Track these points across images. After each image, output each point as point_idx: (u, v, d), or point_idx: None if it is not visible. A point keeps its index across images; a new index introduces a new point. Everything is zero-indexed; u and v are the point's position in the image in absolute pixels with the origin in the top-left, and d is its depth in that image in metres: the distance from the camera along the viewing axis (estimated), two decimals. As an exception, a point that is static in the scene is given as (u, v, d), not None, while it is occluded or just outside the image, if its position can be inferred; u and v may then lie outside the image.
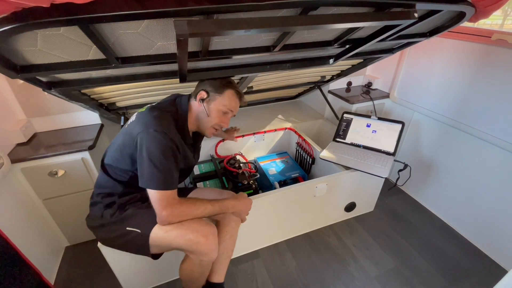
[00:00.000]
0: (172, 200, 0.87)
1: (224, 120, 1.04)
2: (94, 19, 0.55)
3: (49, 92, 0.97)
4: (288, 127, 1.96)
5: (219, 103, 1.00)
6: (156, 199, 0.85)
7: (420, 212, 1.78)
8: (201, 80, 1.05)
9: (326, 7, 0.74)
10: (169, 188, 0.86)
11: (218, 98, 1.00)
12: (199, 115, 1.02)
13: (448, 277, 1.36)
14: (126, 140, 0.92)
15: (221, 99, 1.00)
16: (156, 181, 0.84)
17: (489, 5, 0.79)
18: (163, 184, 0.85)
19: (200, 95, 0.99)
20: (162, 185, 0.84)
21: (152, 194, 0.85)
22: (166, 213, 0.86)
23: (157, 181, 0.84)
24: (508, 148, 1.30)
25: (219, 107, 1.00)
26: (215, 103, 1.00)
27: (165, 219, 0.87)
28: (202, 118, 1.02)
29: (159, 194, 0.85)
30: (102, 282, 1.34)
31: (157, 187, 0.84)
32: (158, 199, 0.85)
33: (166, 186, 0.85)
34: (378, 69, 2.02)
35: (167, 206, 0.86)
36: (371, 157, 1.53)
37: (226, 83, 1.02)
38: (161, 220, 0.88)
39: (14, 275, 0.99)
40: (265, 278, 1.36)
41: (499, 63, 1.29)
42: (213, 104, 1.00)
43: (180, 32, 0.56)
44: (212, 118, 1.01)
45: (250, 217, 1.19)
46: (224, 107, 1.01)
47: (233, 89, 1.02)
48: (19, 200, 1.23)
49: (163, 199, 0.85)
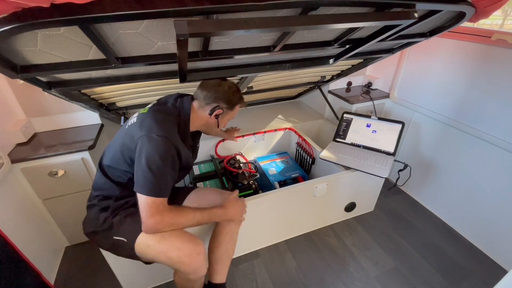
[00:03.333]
0: (162, 208, 0.85)
1: (226, 123, 1.15)
2: (94, 19, 0.55)
3: (49, 92, 0.97)
4: (288, 127, 1.96)
5: (230, 116, 1.11)
6: (146, 205, 0.83)
7: (420, 212, 1.78)
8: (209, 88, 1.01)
9: (326, 7, 0.74)
10: (161, 196, 0.84)
11: (230, 113, 1.09)
12: (209, 124, 1.08)
13: (448, 277, 1.36)
14: (126, 142, 0.91)
15: (231, 113, 1.10)
16: (148, 186, 0.82)
17: (489, 5, 0.79)
18: (155, 190, 0.83)
19: (217, 112, 1.03)
20: (154, 192, 0.83)
21: (142, 200, 0.83)
22: (153, 220, 0.83)
23: (149, 187, 0.82)
24: (508, 148, 1.30)
25: (227, 117, 1.11)
26: (227, 116, 1.10)
27: (152, 226, 0.84)
28: (212, 127, 1.11)
29: (149, 200, 0.82)
30: (102, 282, 1.34)
31: (148, 193, 0.82)
32: (148, 205, 0.83)
33: (158, 193, 0.83)
34: (378, 69, 2.02)
35: (156, 213, 0.83)
36: (371, 157, 1.53)
37: (238, 99, 1.08)
38: (147, 227, 0.85)
39: (14, 275, 0.99)
40: (265, 278, 1.36)
41: (499, 63, 1.29)
42: (225, 117, 1.10)
43: (180, 32, 0.56)
44: (221, 127, 1.13)
45: (250, 217, 1.19)
46: (231, 117, 1.13)
47: (242, 103, 1.11)
48: (19, 200, 1.23)
49: (153, 206, 0.83)
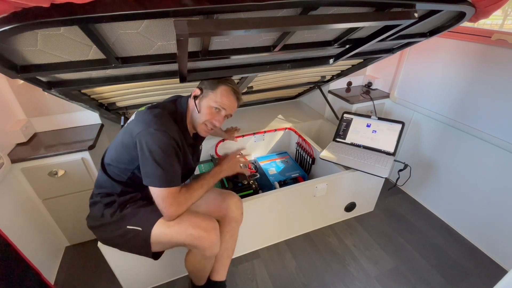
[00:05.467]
0: (176, 195, 0.89)
1: (216, 117, 1.00)
2: (94, 19, 0.55)
3: (49, 92, 0.97)
4: (288, 127, 1.96)
5: (210, 99, 0.98)
6: (162, 197, 0.87)
7: (420, 212, 1.78)
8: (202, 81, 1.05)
9: (326, 7, 0.74)
10: (173, 185, 0.88)
11: (210, 95, 0.98)
12: (192, 113, 1.01)
13: (448, 277, 1.36)
14: (125, 139, 0.92)
15: (213, 95, 0.98)
16: (160, 179, 0.85)
17: (489, 5, 0.79)
18: (167, 182, 0.86)
19: (194, 92, 1.01)
20: (166, 183, 0.86)
21: (157, 192, 0.86)
22: (173, 209, 0.88)
23: (161, 179, 0.85)
24: (508, 148, 1.30)
25: (210, 103, 0.98)
26: (206, 99, 0.98)
27: (174, 214, 0.89)
28: (194, 116, 1.00)
29: (164, 192, 0.86)
30: (102, 282, 1.34)
31: (161, 185, 0.85)
32: (164, 197, 0.87)
33: (170, 183, 0.87)
34: (378, 69, 2.02)
35: (173, 202, 0.88)
36: (371, 157, 1.53)
37: (221, 79, 1.00)
38: (170, 216, 0.89)
39: (14, 275, 0.99)
40: (265, 278, 1.36)
41: (499, 63, 1.29)
42: (204, 100, 0.99)
43: (180, 32, 0.56)
44: (202, 114, 0.98)
45: (250, 217, 1.19)
46: (215, 103, 0.97)
47: (227, 85, 0.99)
48: (19, 200, 1.23)
49: (169, 196, 0.87)
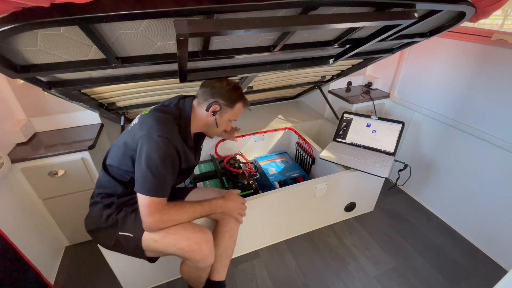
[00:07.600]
0: (161, 207, 0.86)
1: (228, 125, 1.12)
2: (94, 19, 0.55)
3: (49, 92, 0.97)
4: (288, 127, 1.96)
5: (230, 115, 1.06)
6: (145, 205, 0.84)
7: (420, 212, 1.78)
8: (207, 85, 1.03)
9: (326, 7, 0.74)
10: (160, 196, 0.85)
11: (229, 111, 1.05)
12: (208, 123, 1.05)
13: (448, 277, 1.36)
14: (128, 142, 0.92)
15: (231, 112, 1.05)
16: (148, 186, 0.83)
17: (489, 5, 0.79)
18: (154, 190, 0.84)
19: (213, 108, 1.00)
20: (153, 191, 0.84)
21: (141, 199, 0.84)
22: (152, 219, 0.85)
23: (149, 187, 0.83)
24: (508, 148, 1.30)
25: (228, 118, 1.06)
26: (226, 115, 1.05)
27: (151, 225, 0.86)
28: (211, 127, 1.07)
29: (148, 200, 0.84)
30: (102, 282, 1.34)
31: (148, 193, 0.83)
32: (147, 205, 0.84)
33: (157, 193, 0.84)
34: (378, 69, 2.02)
35: (155, 212, 0.84)
36: (371, 157, 1.52)
37: (238, 96, 1.04)
38: (147, 226, 0.86)
39: (14, 275, 0.99)
40: (265, 278, 1.36)
41: (499, 63, 1.29)
42: (224, 116, 1.05)
43: (180, 32, 0.56)
44: (220, 127, 1.08)
45: (250, 217, 1.19)
46: (232, 117, 1.08)
47: (243, 101, 1.07)
48: (19, 200, 1.23)
49: (152, 205, 0.84)
